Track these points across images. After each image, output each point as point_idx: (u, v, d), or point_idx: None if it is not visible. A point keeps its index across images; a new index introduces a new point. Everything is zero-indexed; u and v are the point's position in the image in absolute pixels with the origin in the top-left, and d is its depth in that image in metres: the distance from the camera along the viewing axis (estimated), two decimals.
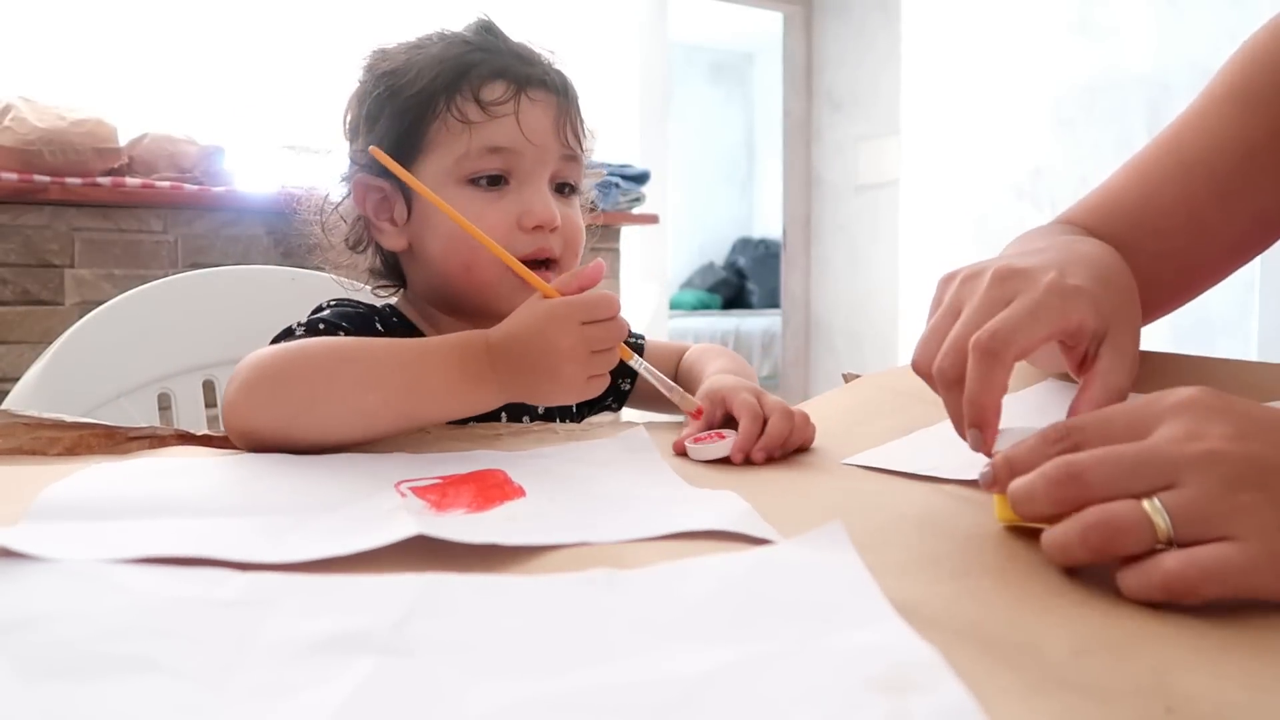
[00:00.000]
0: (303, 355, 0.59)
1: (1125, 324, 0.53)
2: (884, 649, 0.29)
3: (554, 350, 0.58)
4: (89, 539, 0.39)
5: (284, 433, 0.58)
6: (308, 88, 2.89)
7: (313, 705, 0.27)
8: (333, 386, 0.58)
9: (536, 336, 0.59)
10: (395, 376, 0.59)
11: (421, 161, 0.74)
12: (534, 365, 0.59)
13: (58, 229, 2.13)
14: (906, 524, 0.49)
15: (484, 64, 0.74)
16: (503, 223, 0.73)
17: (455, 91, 0.73)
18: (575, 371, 0.59)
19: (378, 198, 0.77)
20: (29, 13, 2.62)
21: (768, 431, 0.62)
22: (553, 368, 0.58)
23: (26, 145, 2.06)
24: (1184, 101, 0.81)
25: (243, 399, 0.58)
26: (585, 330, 0.59)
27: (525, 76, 0.74)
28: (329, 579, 0.36)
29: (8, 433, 0.59)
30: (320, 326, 0.72)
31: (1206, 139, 0.76)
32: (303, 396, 0.58)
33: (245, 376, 0.59)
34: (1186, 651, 0.31)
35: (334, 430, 0.58)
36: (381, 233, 0.78)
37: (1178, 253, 0.77)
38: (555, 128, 0.75)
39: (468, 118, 0.73)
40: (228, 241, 2.31)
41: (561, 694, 0.28)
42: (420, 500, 0.47)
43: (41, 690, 0.28)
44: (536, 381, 0.59)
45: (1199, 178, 0.75)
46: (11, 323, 2.08)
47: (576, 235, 0.77)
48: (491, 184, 0.74)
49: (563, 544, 0.40)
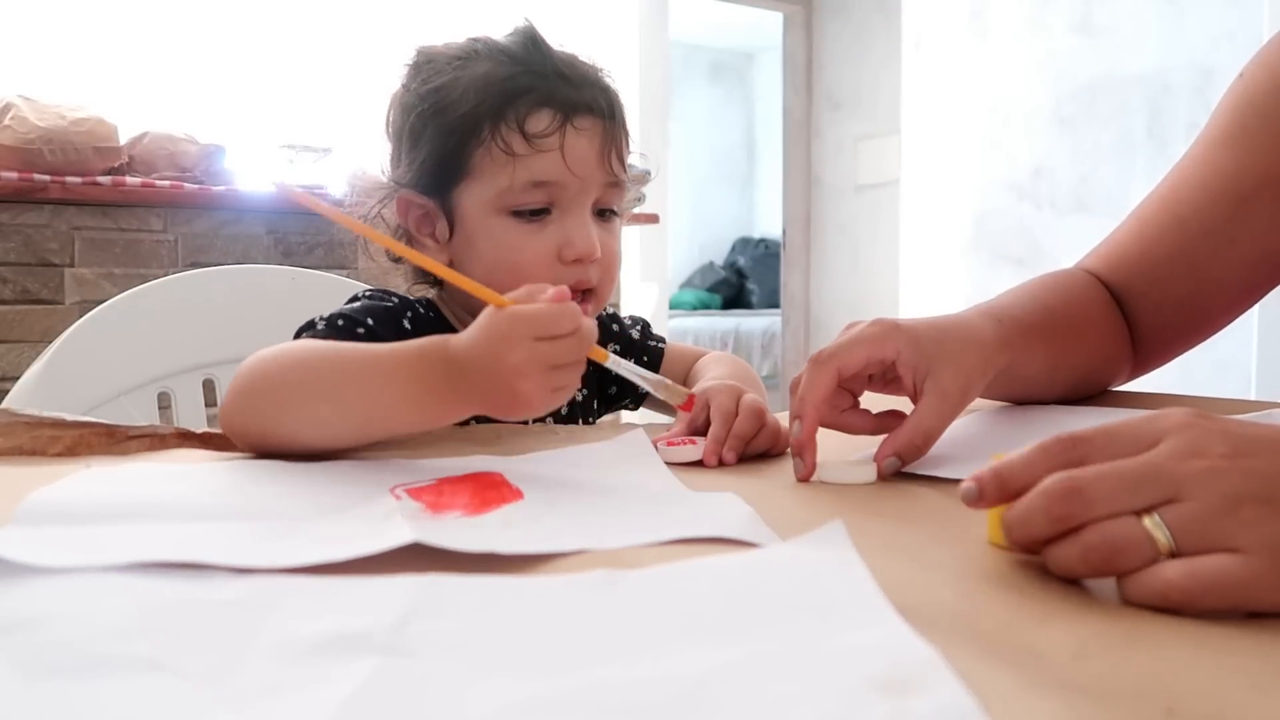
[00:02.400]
0: (279, 363, 0.59)
1: (949, 365, 0.59)
2: (884, 649, 0.29)
3: (504, 367, 0.53)
4: (74, 545, 0.39)
5: (263, 440, 0.58)
6: (308, 88, 2.89)
7: (313, 705, 0.27)
8: (293, 396, 0.58)
9: (488, 353, 0.54)
10: (348, 387, 0.57)
11: (465, 185, 0.75)
12: (489, 382, 0.54)
13: (58, 228, 2.13)
14: (907, 524, 0.49)
15: (531, 91, 0.73)
16: (544, 255, 0.73)
17: (500, 119, 0.72)
18: (532, 389, 0.54)
19: (419, 214, 0.78)
20: (29, 12, 2.62)
21: (733, 430, 0.62)
22: (507, 385, 0.54)
23: (27, 144, 2.05)
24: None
25: (230, 404, 0.59)
26: (538, 347, 0.53)
27: (572, 104, 0.73)
28: (329, 580, 0.36)
29: (8, 431, 0.59)
30: (339, 323, 0.72)
31: (1200, 192, 0.79)
32: (272, 404, 0.58)
33: (235, 382, 0.59)
34: (1187, 652, 0.31)
35: (301, 440, 0.58)
36: (423, 247, 0.78)
37: (1180, 300, 0.80)
38: (600, 157, 0.75)
39: (512, 149, 0.72)
40: (228, 241, 2.31)
41: (562, 694, 0.28)
42: (416, 502, 0.47)
43: (41, 690, 0.28)
44: (494, 398, 0.55)
45: (1193, 230, 0.79)
46: (11, 322, 2.08)
47: (614, 263, 0.78)
48: (533, 215, 0.74)
49: (562, 552, 0.40)
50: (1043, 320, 0.71)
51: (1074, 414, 0.75)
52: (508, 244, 0.72)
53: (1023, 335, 0.67)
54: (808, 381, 0.57)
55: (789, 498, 0.54)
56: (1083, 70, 2.98)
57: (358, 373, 0.57)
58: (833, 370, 0.57)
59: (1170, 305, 0.80)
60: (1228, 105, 0.80)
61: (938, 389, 0.58)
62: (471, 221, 0.75)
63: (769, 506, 0.47)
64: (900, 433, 0.57)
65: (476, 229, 0.75)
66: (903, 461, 0.57)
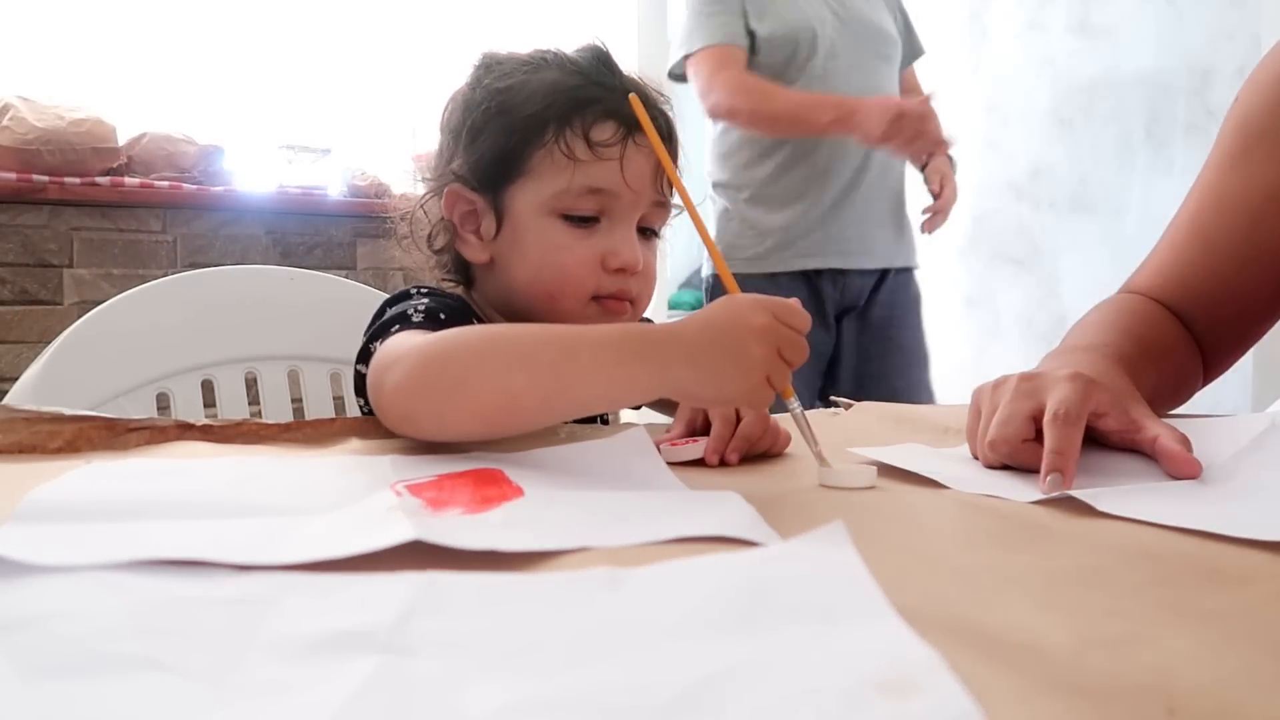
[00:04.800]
0: (456, 339, 0.59)
1: (1133, 400, 0.64)
2: (884, 649, 0.29)
3: (746, 325, 0.55)
4: (74, 543, 0.39)
5: (438, 418, 0.58)
6: (307, 88, 2.89)
7: (314, 704, 0.27)
8: (483, 367, 0.57)
9: (729, 315, 0.56)
10: (544, 354, 0.57)
11: (519, 184, 0.76)
12: (717, 342, 0.55)
13: (56, 229, 2.12)
14: (907, 524, 0.49)
15: (599, 102, 0.75)
16: (589, 260, 0.75)
17: (566, 124, 0.74)
18: (760, 356, 0.55)
19: (467, 209, 0.79)
20: (27, 12, 2.62)
21: (739, 431, 0.63)
22: (742, 344, 0.55)
23: (25, 145, 2.05)
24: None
25: (409, 383, 0.58)
26: (777, 325, 0.55)
27: (635, 120, 0.73)
28: (329, 577, 0.36)
29: (7, 428, 0.58)
30: (441, 316, 0.71)
31: (1218, 214, 0.83)
32: (454, 378, 0.57)
33: (410, 361, 0.58)
34: (1188, 651, 0.31)
35: (482, 414, 0.57)
36: (465, 243, 0.79)
37: (1225, 320, 0.84)
38: (654, 175, 0.76)
39: (574, 154, 0.74)
40: (227, 241, 2.31)
41: (562, 693, 0.28)
42: (416, 499, 0.47)
43: (41, 690, 0.28)
44: (713, 362, 0.55)
45: (1221, 252, 0.83)
46: (10, 322, 2.08)
47: (652, 280, 0.79)
48: (583, 221, 0.75)
49: (563, 549, 0.40)
50: (1137, 349, 0.74)
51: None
52: (556, 245, 0.74)
53: (1130, 367, 0.70)
54: (1066, 441, 0.57)
55: (789, 497, 0.54)
56: (1081, 71, 2.98)
57: (559, 340, 0.57)
58: (1082, 428, 0.58)
59: (1220, 326, 0.84)
60: (1229, 128, 0.84)
61: (1148, 409, 0.63)
62: (521, 220, 0.76)
63: (769, 506, 0.47)
64: (1165, 440, 0.59)
65: (526, 228, 0.76)
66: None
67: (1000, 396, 0.63)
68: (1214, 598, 0.37)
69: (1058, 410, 0.58)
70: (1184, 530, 0.46)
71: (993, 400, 0.63)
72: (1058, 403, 0.59)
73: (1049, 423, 0.58)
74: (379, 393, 0.61)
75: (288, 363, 1.03)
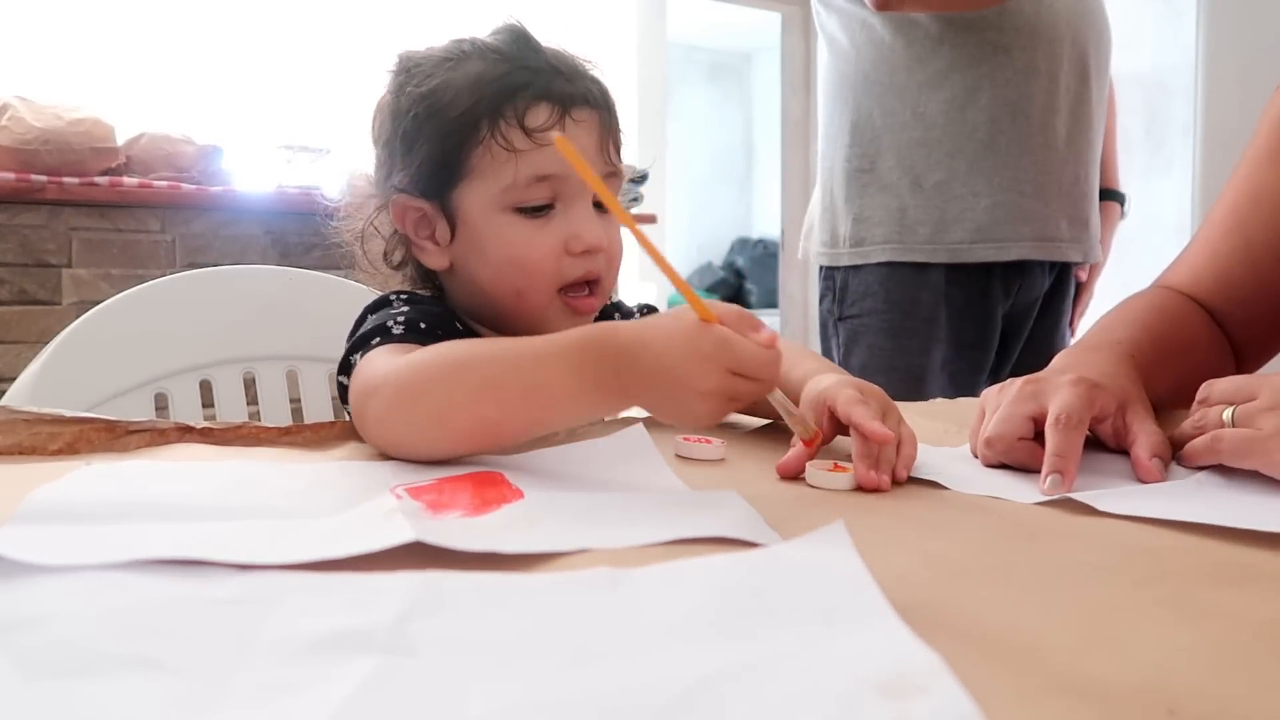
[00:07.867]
0: (427, 367, 0.58)
1: (1134, 401, 0.65)
2: (884, 651, 0.29)
3: (692, 388, 0.52)
4: (75, 543, 0.39)
5: (426, 445, 0.58)
6: (306, 88, 2.88)
7: (314, 704, 0.27)
8: (453, 398, 0.57)
9: (680, 366, 0.52)
10: (511, 383, 0.57)
11: (465, 185, 0.73)
12: (669, 392, 0.53)
13: (55, 229, 2.12)
14: (907, 525, 0.49)
15: (527, 86, 0.72)
16: (552, 249, 0.72)
17: (499, 116, 0.71)
18: (707, 413, 0.53)
19: (417, 217, 0.76)
20: (27, 12, 2.61)
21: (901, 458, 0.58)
22: (686, 403, 0.53)
23: (24, 145, 2.05)
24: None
25: (381, 419, 0.59)
26: (731, 380, 0.52)
27: (569, 96, 0.73)
28: (330, 577, 0.35)
29: (7, 429, 0.58)
30: (422, 326, 0.70)
31: (1257, 209, 0.83)
32: (429, 411, 0.57)
33: (386, 393, 0.58)
34: (1188, 651, 0.31)
35: (465, 444, 0.58)
36: (423, 251, 0.77)
37: (1262, 317, 0.84)
38: (599, 147, 0.74)
39: (513, 145, 0.71)
40: (225, 241, 2.31)
41: (562, 694, 0.28)
42: (416, 502, 0.47)
43: (41, 690, 0.28)
44: (665, 406, 0.54)
45: (1259, 248, 0.83)
46: (9, 322, 2.08)
47: (618, 254, 0.77)
48: (537, 211, 0.73)
49: (564, 551, 0.40)
50: (1154, 347, 0.74)
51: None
52: (515, 241, 0.72)
53: (1146, 366, 0.71)
54: (1068, 444, 0.57)
55: (790, 497, 0.54)
56: None
57: (526, 369, 0.57)
58: (1084, 433, 0.59)
59: (1256, 322, 0.84)
60: (1266, 124, 0.84)
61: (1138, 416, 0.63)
62: (475, 221, 0.74)
63: (769, 506, 0.47)
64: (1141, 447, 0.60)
65: (481, 228, 0.74)
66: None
67: (1004, 398, 0.63)
68: (1215, 597, 0.37)
69: (1059, 415, 0.58)
70: (1184, 529, 0.46)
71: (996, 402, 0.64)
72: (1060, 408, 0.59)
73: (1051, 427, 0.58)
74: (362, 422, 0.61)
75: (286, 363, 1.03)
